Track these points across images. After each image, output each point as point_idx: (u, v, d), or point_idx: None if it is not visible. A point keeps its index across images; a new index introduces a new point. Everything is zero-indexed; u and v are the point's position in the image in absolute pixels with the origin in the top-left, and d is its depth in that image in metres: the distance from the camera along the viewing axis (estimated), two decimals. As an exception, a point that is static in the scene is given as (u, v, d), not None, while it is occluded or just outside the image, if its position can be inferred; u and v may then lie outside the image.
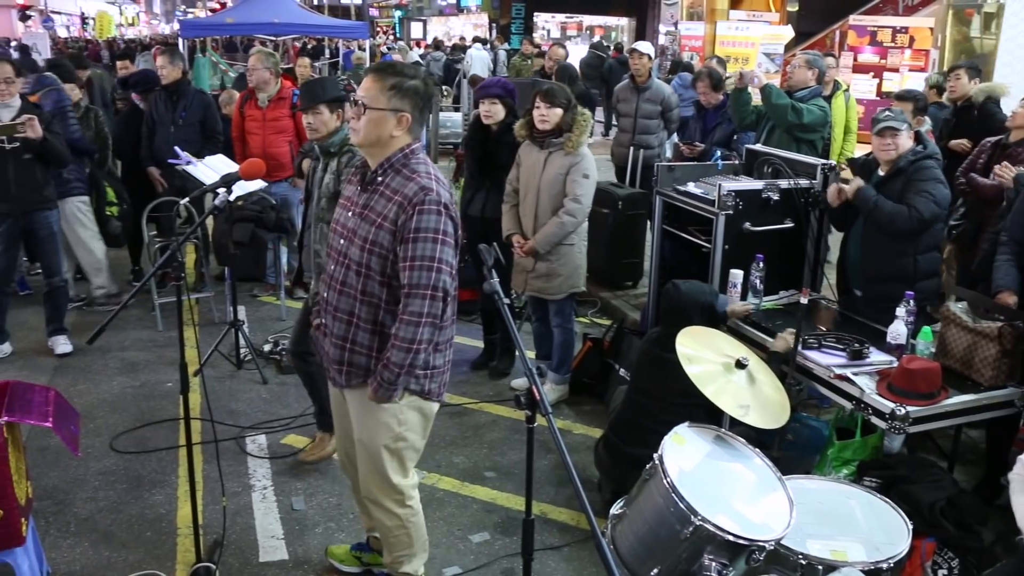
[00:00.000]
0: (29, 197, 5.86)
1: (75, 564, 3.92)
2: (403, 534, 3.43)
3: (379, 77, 3.04)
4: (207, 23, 18.94)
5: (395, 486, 3.32)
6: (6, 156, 5.70)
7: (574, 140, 5.11)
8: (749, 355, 3.50)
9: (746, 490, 3.08)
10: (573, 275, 5.32)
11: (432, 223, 2.98)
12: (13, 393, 3.41)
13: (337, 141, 4.25)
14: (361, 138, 3.06)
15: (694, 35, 16.38)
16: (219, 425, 4.81)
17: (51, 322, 6.30)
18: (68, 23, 47.79)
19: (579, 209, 5.14)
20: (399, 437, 3.25)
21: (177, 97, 7.13)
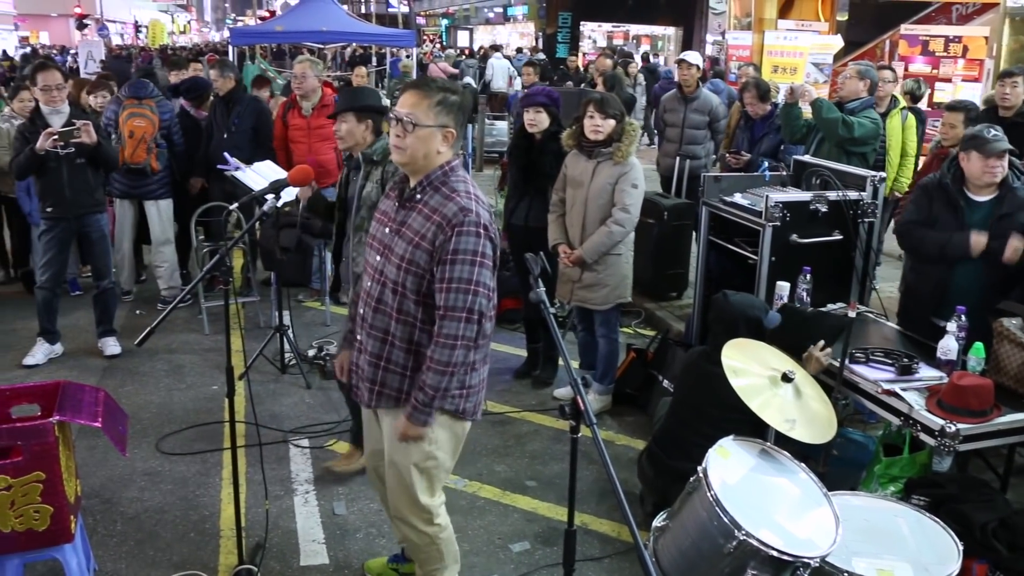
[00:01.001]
0: (82, 201, 6.00)
1: (120, 562, 3.97)
2: (433, 550, 3.41)
3: (424, 93, 2.99)
4: (257, 31, 19.21)
5: (423, 506, 3.29)
6: (60, 161, 5.83)
7: (624, 150, 5.08)
8: (796, 369, 3.46)
9: (791, 505, 3.04)
10: (620, 285, 5.30)
11: (471, 245, 2.94)
12: (65, 393, 3.48)
13: (379, 149, 4.22)
14: (408, 156, 3.00)
15: (742, 44, 16.25)
16: (263, 429, 4.86)
17: (101, 324, 6.42)
18: (122, 31, 48.84)
19: (627, 219, 5.11)
20: (430, 456, 3.21)
21: (232, 104, 7.28)
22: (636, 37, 32.71)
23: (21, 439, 3.20)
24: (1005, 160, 4.30)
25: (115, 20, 47.33)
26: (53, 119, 5.87)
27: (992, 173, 4.29)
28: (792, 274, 4.71)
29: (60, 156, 5.81)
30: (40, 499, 3.27)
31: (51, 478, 3.27)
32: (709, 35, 21.20)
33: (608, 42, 31.51)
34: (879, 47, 14.49)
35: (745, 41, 16.15)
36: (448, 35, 42.01)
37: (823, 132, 6.08)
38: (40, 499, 3.27)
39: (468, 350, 3.01)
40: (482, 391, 3.27)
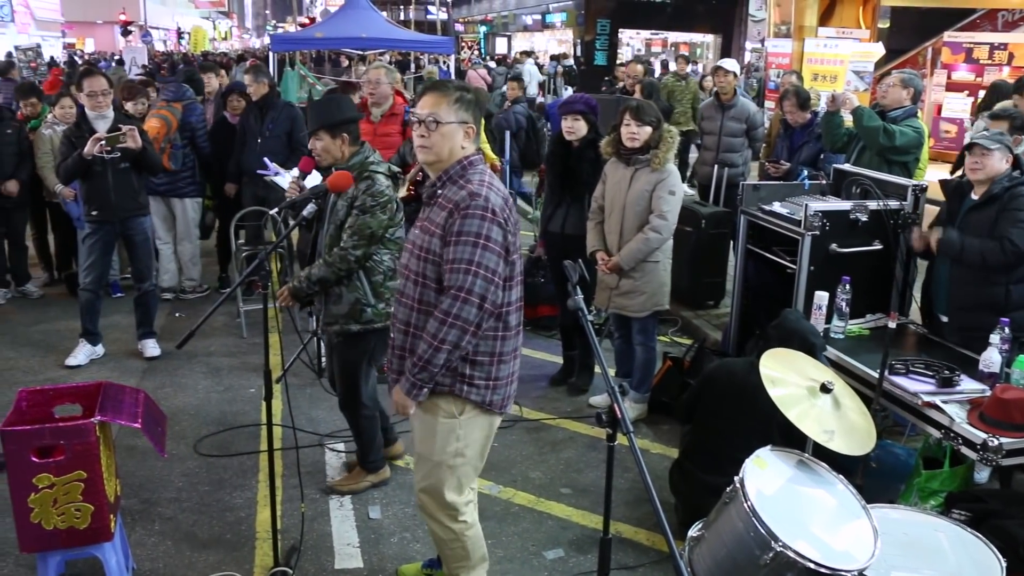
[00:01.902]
0: (126, 204, 6.11)
1: (158, 562, 4.02)
2: (459, 547, 3.42)
3: (442, 92, 3.10)
4: (297, 37, 19.41)
5: (449, 503, 3.31)
6: (106, 165, 5.95)
7: (661, 157, 5.07)
8: (835, 379, 3.42)
9: (828, 517, 3.01)
10: (657, 293, 5.27)
11: (474, 227, 2.99)
12: (106, 394, 3.53)
13: (356, 164, 4.09)
14: (433, 154, 3.09)
15: (781, 52, 16.12)
16: (299, 432, 4.89)
17: (141, 326, 6.51)
18: (165, 37, 49.59)
19: (664, 226, 5.09)
20: (458, 453, 3.24)
21: (266, 110, 7.36)
22: (674, 44, 32.62)
23: (64, 438, 3.25)
24: (984, 156, 4.36)
25: (158, 27, 48.06)
26: (98, 124, 5.98)
27: (970, 168, 4.44)
28: (831, 284, 4.67)
29: (105, 161, 5.93)
30: (81, 498, 3.32)
31: (92, 477, 3.32)
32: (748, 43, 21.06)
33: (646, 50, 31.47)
34: (921, 55, 14.30)
35: (785, 49, 16.01)
36: (487, 42, 42.15)
37: (864, 141, 6.01)
38: (81, 498, 3.32)
39: (463, 332, 3.01)
40: (511, 385, 3.29)
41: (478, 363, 3.15)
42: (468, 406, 3.18)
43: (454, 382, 3.15)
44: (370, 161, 4.10)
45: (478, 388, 3.16)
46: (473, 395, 3.16)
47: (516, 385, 3.34)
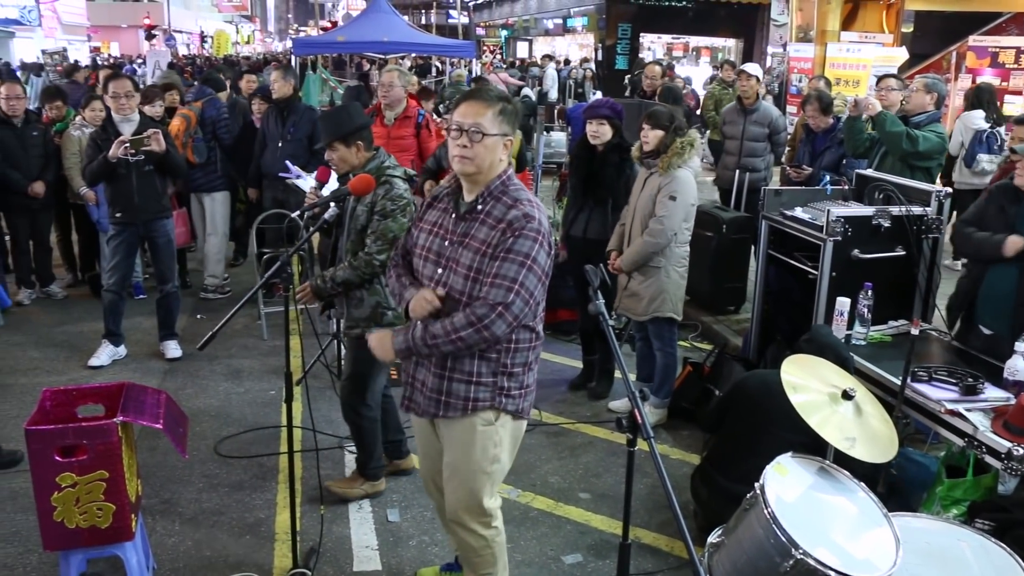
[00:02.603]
0: (149, 207, 6.17)
1: (179, 562, 4.04)
2: (488, 554, 3.41)
3: (486, 103, 3.03)
4: (319, 41, 19.50)
5: (486, 509, 3.31)
6: (130, 168, 6.00)
7: (666, 161, 5.09)
8: (857, 386, 3.39)
9: (849, 525, 2.98)
10: (657, 299, 5.26)
11: (525, 248, 2.97)
12: (128, 394, 3.56)
13: (372, 169, 4.08)
14: (475, 166, 3.03)
15: (803, 57, 16.06)
16: (319, 434, 4.91)
17: (163, 327, 6.56)
18: (188, 41, 49.97)
19: (659, 231, 5.09)
20: (495, 459, 3.25)
21: (287, 113, 7.40)
22: (696, 49, 32.54)
23: (86, 438, 3.28)
24: None
25: (182, 30, 48.45)
26: (124, 127, 6.04)
27: (1020, 175, 4.39)
28: (853, 290, 4.64)
29: (130, 163, 5.98)
30: (103, 497, 3.34)
31: (114, 477, 3.34)
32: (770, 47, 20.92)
33: (668, 54, 31.38)
34: (945, 59, 14.21)
35: (807, 53, 15.97)
36: (508, 46, 42.21)
37: (887, 146, 5.97)
38: (103, 497, 3.34)
39: (483, 342, 2.98)
40: (534, 392, 3.31)
41: (514, 375, 3.16)
42: (502, 414, 3.19)
43: (494, 396, 3.15)
44: (386, 166, 4.11)
45: (514, 399, 3.18)
46: (510, 406, 3.18)
47: (536, 393, 3.36)
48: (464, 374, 3.13)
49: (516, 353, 3.13)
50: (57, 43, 33.32)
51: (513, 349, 3.12)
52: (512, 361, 3.13)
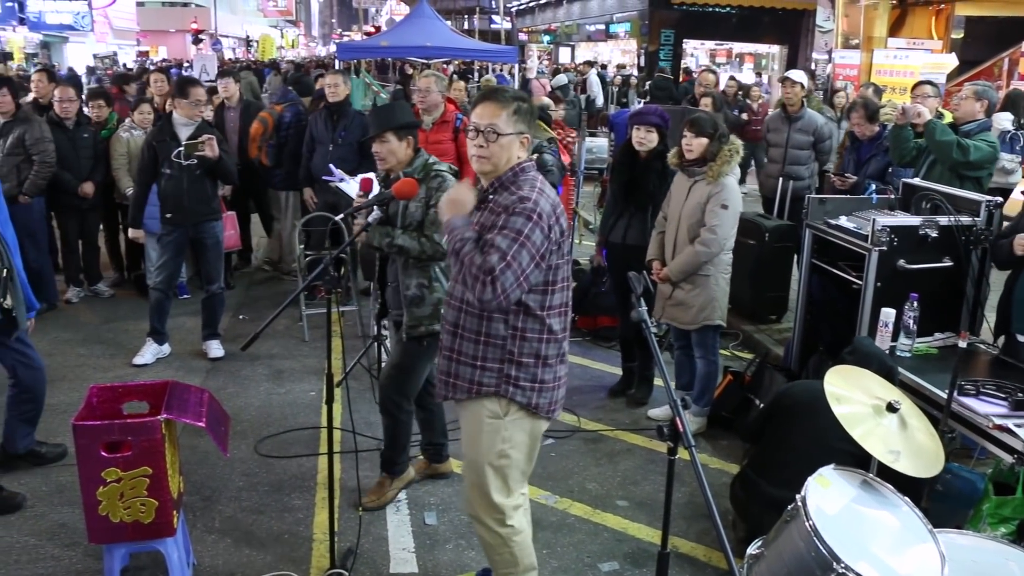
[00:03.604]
0: (199, 209, 6.30)
1: (218, 559, 4.09)
2: (506, 552, 3.42)
3: (500, 103, 3.11)
4: (363, 45, 19.63)
5: (496, 505, 3.32)
6: (182, 171, 6.14)
7: (715, 170, 5.05)
8: (902, 398, 3.34)
9: (893, 540, 2.93)
10: (707, 307, 5.22)
11: (518, 224, 2.99)
12: (172, 392, 3.61)
13: (419, 166, 4.15)
14: (491, 164, 3.12)
15: (849, 64, 15.86)
16: (358, 436, 4.93)
17: (207, 327, 6.65)
18: (234, 46, 50.62)
19: (713, 240, 5.05)
20: (503, 454, 3.26)
21: (338, 117, 7.48)
22: (739, 55, 32.29)
23: (131, 435, 3.33)
24: None
25: (228, 35, 49.12)
26: (182, 131, 6.18)
27: None
28: (898, 301, 4.58)
29: (183, 167, 6.10)
30: (146, 493, 3.40)
31: (157, 473, 3.39)
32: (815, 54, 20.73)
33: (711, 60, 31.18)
34: (997, 65, 13.94)
35: (853, 60, 15.77)
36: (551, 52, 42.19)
37: (936, 155, 5.87)
38: (146, 493, 3.40)
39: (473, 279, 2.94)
40: (558, 390, 3.29)
41: (523, 364, 3.17)
42: (513, 407, 3.21)
43: (499, 383, 3.18)
44: (432, 162, 4.17)
45: (523, 390, 3.18)
46: (518, 396, 3.19)
47: (564, 391, 3.34)
48: (469, 358, 3.20)
49: (523, 342, 3.15)
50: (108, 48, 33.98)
51: (519, 337, 3.14)
52: (519, 350, 3.15)
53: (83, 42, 34.55)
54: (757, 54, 31.79)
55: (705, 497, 2.14)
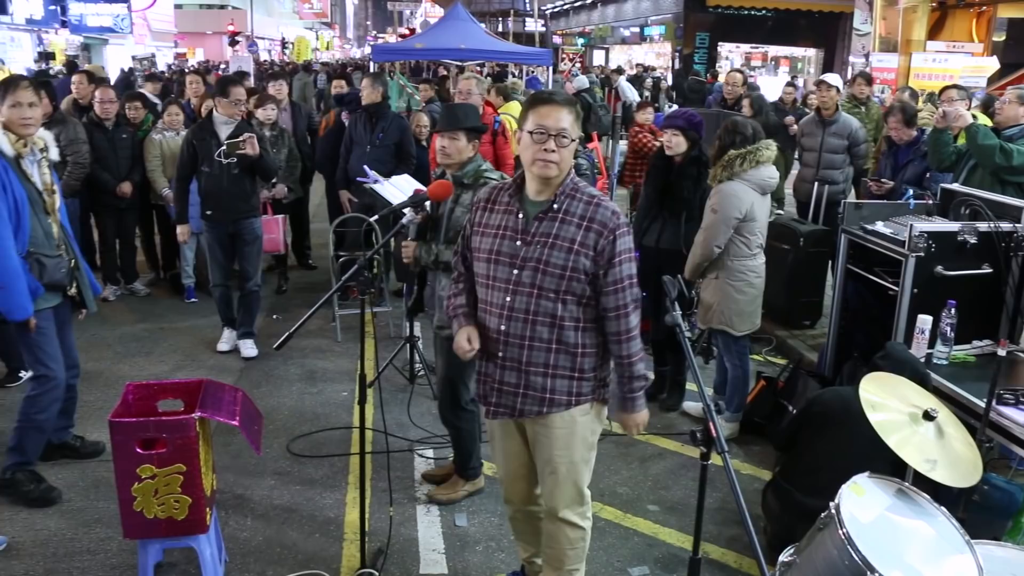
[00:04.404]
0: (238, 206, 6.41)
1: (249, 556, 4.12)
2: (581, 547, 3.47)
3: (569, 108, 3.10)
4: (397, 48, 19.73)
5: (584, 496, 3.41)
6: (222, 169, 6.25)
7: (714, 173, 5.19)
8: (939, 407, 3.29)
9: (928, 550, 2.89)
10: (711, 310, 5.27)
11: (627, 244, 3.12)
12: (207, 391, 3.64)
13: (471, 171, 4.15)
14: (559, 170, 3.08)
15: (886, 67, 15.69)
16: (390, 437, 4.95)
17: (242, 325, 6.75)
18: (270, 47, 51.09)
19: (699, 242, 5.18)
20: (592, 446, 3.37)
21: (376, 119, 7.53)
22: (775, 59, 32.07)
23: (166, 432, 3.37)
24: None
25: (263, 37, 49.59)
26: (222, 129, 6.28)
27: None
28: (935, 307, 4.51)
29: (223, 165, 6.21)
30: (180, 490, 3.43)
31: (191, 470, 3.42)
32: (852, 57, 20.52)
33: (746, 63, 30.98)
34: (1040, 69, 13.71)
35: (890, 64, 15.60)
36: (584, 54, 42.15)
37: (977, 159, 5.78)
38: (180, 490, 3.43)
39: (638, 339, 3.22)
40: None
41: (606, 364, 3.31)
42: (596, 403, 3.32)
43: (595, 389, 3.28)
44: (484, 169, 4.17)
45: (606, 386, 3.32)
46: (606, 394, 3.33)
47: None
48: (567, 370, 3.21)
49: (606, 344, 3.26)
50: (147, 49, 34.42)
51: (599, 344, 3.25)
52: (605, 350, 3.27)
53: (122, 44, 35.01)
54: (792, 57, 31.56)
55: (738, 503, 2.12)
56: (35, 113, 4.23)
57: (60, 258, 4.41)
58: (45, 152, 4.42)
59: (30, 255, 4.24)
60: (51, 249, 4.36)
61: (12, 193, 4.10)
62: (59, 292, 4.46)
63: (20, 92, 4.16)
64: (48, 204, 4.37)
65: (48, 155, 4.44)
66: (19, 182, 4.16)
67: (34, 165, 4.32)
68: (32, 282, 4.23)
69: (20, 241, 4.18)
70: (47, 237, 4.34)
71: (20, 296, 4.15)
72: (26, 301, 4.17)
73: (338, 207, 8.05)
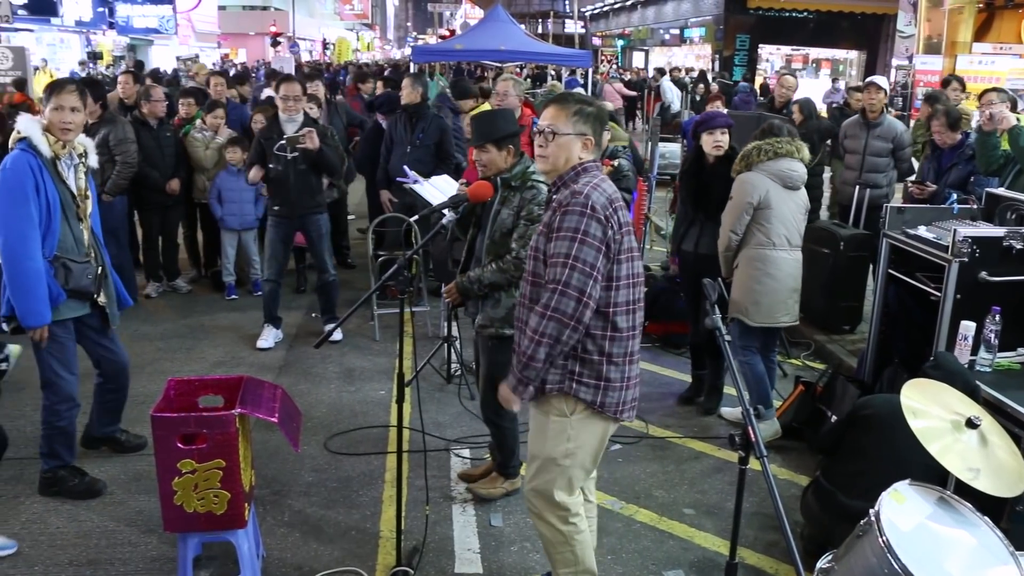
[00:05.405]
0: (304, 202, 6.58)
1: (286, 552, 4.16)
2: (567, 551, 3.41)
3: (562, 106, 3.22)
4: (437, 49, 19.81)
5: (559, 503, 3.33)
6: (288, 165, 6.40)
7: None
8: (982, 414, 3.24)
9: (970, 559, 2.85)
10: (732, 298, 5.28)
11: (573, 223, 3.06)
12: (247, 387, 3.68)
13: (518, 173, 4.17)
14: (550, 164, 3.21)
15: (930, 69, 15.47)
16: (427, 436, 4.97)
17: (325, 312, 6.99)
18: (311, 48, 51.55)
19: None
20: (568, 453, 3.27)
21: (416, 120, 7.58)
22: (816, 61, 31.74)
23: (207, 427, 3.41)
24: None
25: (305, 38, 50.03)
26: (287, 126, 6.44)
27: None
28: (979, 314, 4.44)
29: (287, 160, 6.35)
30: (219, 485, 3.47)
31: (230, 466, 3.46)
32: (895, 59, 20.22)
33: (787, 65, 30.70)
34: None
35: (934, 66, 15.38)
36: (624, 56, 42.04)
37: (1021, 162, 5.69)
38: (219, 485, 3.47)
39: (561, 325, 3.06)
40: (627, 391, 3.26)
41: (587, 361, 3.18)
42: (580, 406, 3.21)
43: (563, 379, 3.20)
44: (531, 171, 4.15)
45: (587, 387, 3.18)
46: (583, 394, 3.19)
47: (634, 393, 3.31)
48: None
49: (587, 339, 3.15)
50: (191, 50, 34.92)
51: (584, 334, 3.14)
52: (583, 347, 3.16)
53: (167, 45, 35.57)
54: (834, 60, 31.21)
55: (776, 509, 2.11)
56: (76, 118, 4.25)
57: (88, 264, 4.38)
58: (84, 158, 4.42)
59: (56, 259, 4.22)
60: (79, 255, 4.33)
61: (45, 194, 4.12)
62: (85, 301, 4.42)
63: (64, 96, 4.19)
64: (80, 210, 4.36)
65: (87, 161, 4.44)
66: (53, 184, 4.17)
67: (71, 169, 4.32)
68: (55, 288, 4.20)
69: (48, 244, 4.18)
70: (77, 243, 4.32)
71: (38, 302, 4.13)
72: (43, 307, 4.14)
73: (378, 207, 8.11)
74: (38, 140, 4.14)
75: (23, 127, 4.17)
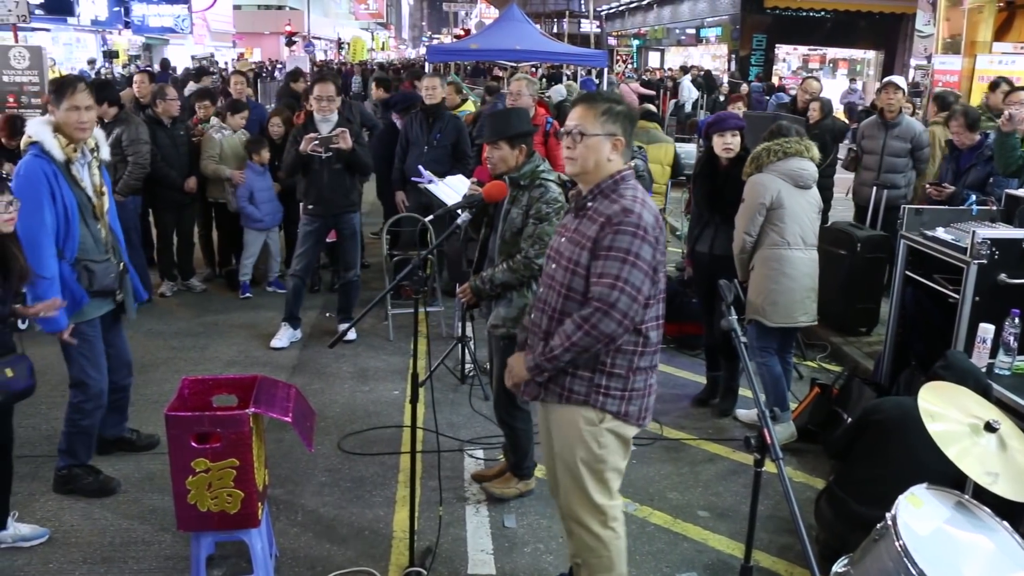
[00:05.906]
0: (338, 201, 6.64)
1: (299, 552, 4.16)
2: (605, 557, 3.37)
3: (590, 105, 3.15)
4: (452, 48, 19.80)
5: (598, 505, 3.30)
6: (322, 165, 6.45)
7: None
8: (1001, 418, 3.21)
9: (988, 565, 2.82)
10: (749, 299, 5.25)
11: (625, 243, 3.01)
12: (261, 387, 3.68)
13: (527, 172, 4.16)
14: (579, 166, 3.15)
15: (949, 69, 15.34)
16: (440, 436, 4.96)
17: (341, 311, 6.99)
18: (326, 47, 51.72)
19: (735, 235, 5.29)
20: (600, 459, 3.25)
21: (433, 119, 7.57)
22: (833, 61, 31.59)
23: (221, 427, 3.41)
24: None
25: (320, 37, 50.21)
26: (322, 126, 6.50)
27: None
28: (998, 316, 4.40)
29: (322, 160, 6.42)
30: (233, 484, 3.47)
31: (244, 465, 3.46)
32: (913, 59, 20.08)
33: (803, 65, 30.57)
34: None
35: (953, 66, 15.25)
36: (639, 56, 41.95)
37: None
38: (233, 484, 3.47)
39: (596, 342, 3.03)
40: (648, 397, 3.27)
41: (615, 375, 3.16)
42: (607, 416, 3.20)
43: (590, 393, 3.17)
44: (541, 170, 4.16)
45: (614, 399, 3.18)
46: (610, 405, 3.18)
47: (654, 398, 3.31)
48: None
49: (617, 354, 3.13)
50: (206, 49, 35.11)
51: (615, 348, 3.12)
52: (612, 361, 3.14)
53: (182, 44, 35.75)
54: (852, 59, 31.04)
55: (792, 512, 2.08)
56: (91, 116, 4.27)
57: (109, 262, 4.41)
58: (96, 152, 4.42)
59: (78, 262, 4.24)
60: (100, 255, 4.36)
61: (62, 200, 4.13)
62: (109, 298, 4.46)
63: (78, 95, 4.18)
64: (97, 208, 4.37)
65: (99, 154, 4.45)
66: (69, 188, 4.18)
67: (84, 168, 4.32)
68: (77, 292, 4.22)
69: (69, 248, 4.19)
70: (96, 243, 4.34)
71: None
72: (58, 315, 4.13)
73: (392, 207, 8.10)
74: (50, 145, 4.14)
75: (34, 131, 4.17)
